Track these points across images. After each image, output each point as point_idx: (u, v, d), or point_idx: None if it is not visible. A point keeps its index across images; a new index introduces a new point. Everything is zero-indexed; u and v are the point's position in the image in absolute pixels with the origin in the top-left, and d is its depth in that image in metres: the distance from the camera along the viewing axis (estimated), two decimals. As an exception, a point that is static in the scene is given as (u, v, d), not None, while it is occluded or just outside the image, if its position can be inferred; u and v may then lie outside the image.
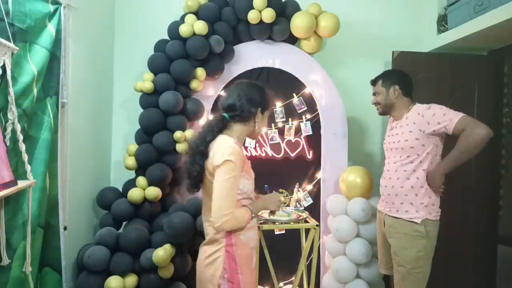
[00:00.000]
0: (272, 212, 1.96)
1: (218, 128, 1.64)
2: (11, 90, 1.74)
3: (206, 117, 2.88)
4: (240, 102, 1.63)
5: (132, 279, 2.43)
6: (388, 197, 2.17)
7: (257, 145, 2.97)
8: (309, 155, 2.98)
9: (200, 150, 1.59)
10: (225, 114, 1.67)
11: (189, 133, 2.72)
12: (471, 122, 1.91)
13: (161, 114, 2.69)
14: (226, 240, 1.58)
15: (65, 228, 2.28)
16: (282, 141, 2.97)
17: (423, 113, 2.03)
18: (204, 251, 1.64)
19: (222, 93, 2.93)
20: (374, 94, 2.29)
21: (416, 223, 2.03)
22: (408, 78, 2.23)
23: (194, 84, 2.79)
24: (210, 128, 1.63)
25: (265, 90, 1.73)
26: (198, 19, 2.77)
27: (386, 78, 2.24)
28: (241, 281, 1.57)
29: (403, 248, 2.06)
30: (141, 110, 2.75)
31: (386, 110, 2.24)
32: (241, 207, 1.59)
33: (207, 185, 1.64)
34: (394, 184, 2.12)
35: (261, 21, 2.81)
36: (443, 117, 1.96)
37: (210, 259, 1.59)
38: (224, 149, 1.54)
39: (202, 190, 1.69)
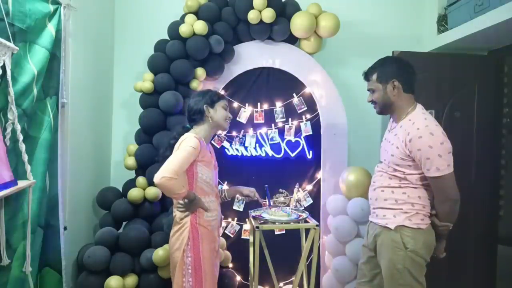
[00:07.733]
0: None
1: (179, 134, 1.94)
2: (11, 90, 1.75)
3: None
4: (189, 107, 1.98)
5: (132, 279, 2.44)
6: (370, 202, 2.00)
7: (257, 145, 2.97)
8: (309, 155, 2.97)
9: (166, 155, 1.86)
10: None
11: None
12: (445, 187, 1.74)
13: (161, 114, 2.69)
14: (191, 218, 1.89)
15: (65, 228, 2.28)
16: (282, 141, 2.97)
17: (412, 137, 1.74)
18: (174, 231, 1.94)
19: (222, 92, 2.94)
20: (369, 90, 1.96)
21: (389, 228, 1.80)
22: (408, 67, 1.89)
23: (194, 84, 2.79)
24: (172, 135, 1.98)
25: (207, 89, 2.08)
26: (198, 19, 2.77)
27: (382, 70, 1.89)
28: (201, 253, 1.87)
29: (382, 258, 1.85)
30: (141, 110, 2.75)
31: (384, 110, 1.93)
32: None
33: None
34: (376, 187, 1.94)
35: (261, 21, 2.81)
36: (426, 160, 1.71)
37: (179, 232, 1.90)
38: (183, 139, 1.84)
39: None
